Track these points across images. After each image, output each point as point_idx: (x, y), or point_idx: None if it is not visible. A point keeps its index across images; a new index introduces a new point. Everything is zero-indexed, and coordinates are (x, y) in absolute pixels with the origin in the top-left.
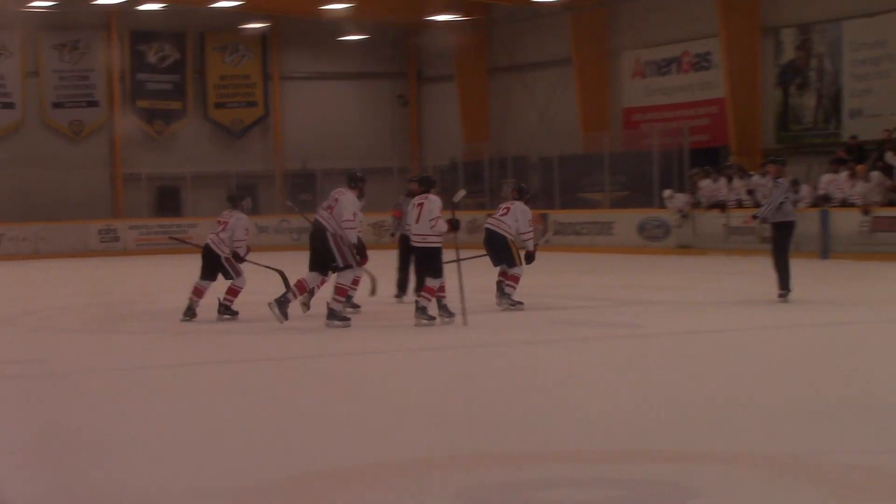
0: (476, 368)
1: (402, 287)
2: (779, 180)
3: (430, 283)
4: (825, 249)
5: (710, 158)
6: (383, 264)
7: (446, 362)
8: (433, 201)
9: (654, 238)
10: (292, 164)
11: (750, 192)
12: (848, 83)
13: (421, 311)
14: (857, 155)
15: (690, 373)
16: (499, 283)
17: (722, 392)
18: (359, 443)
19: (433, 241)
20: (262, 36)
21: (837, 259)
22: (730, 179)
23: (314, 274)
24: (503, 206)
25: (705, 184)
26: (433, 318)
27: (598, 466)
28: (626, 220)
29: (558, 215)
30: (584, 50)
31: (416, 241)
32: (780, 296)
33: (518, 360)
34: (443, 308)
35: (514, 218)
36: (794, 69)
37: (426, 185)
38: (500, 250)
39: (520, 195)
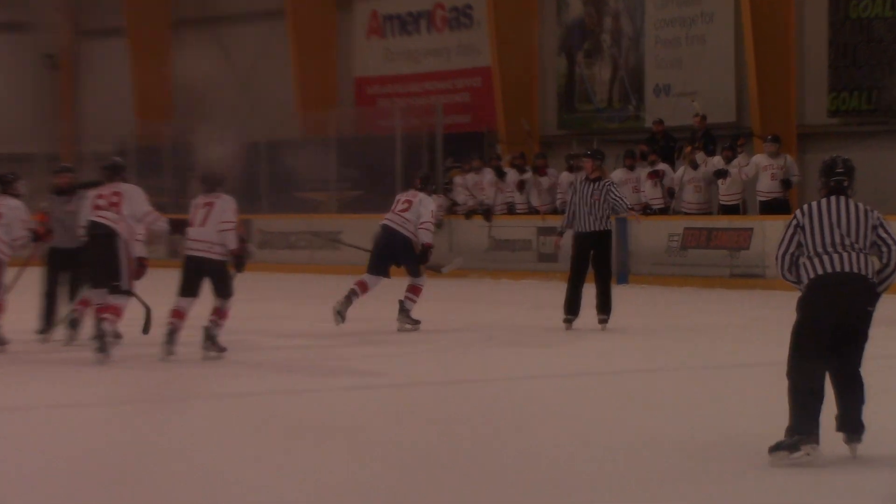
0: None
1: (48, 318)
2: (605, 183)
3: (224, 305)
4: (623, 272)
5: (471, 146)
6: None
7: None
8: (227, 202)
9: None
10: None
11: (521, 186)
12: (653, 51)
13: (212, 340)
14: (664, 146)
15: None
16: (402, 301)
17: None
18: None
19: (219, 253)
20: None
21: (640, 283)
22: (501, 175)
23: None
24: (402, 198)
25: (464, 181)
26: (223, 349)
27: None
28: (359, 228)
29: (265, 221)
30: None
31: (198, 250)
32: (603, 321)
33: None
34: (171, 338)
35: (417, 213)
36: (583, 31)
37: (211, 184)
38: (402, 254)
39: (424, 185)
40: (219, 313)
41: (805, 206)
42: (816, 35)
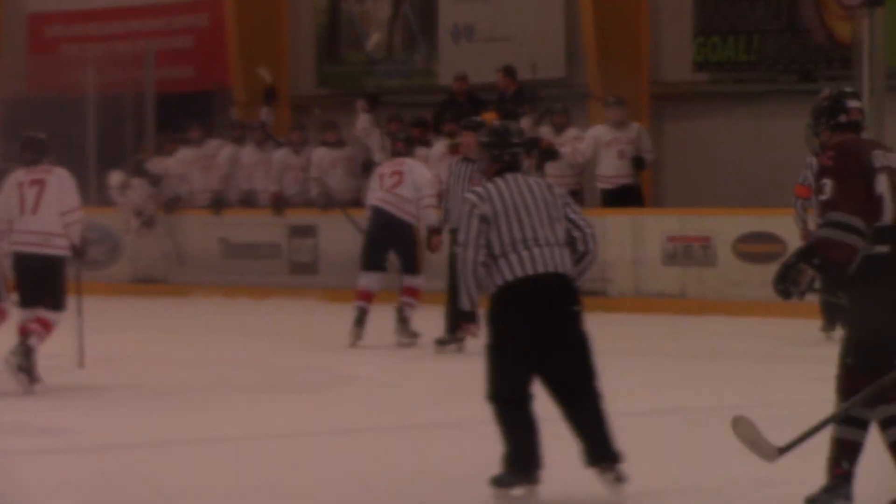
0: None
1: None
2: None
3: (50, 316)
4: None
5: (197, 110)
6: None
7: None
8: (63, 178)
9: (94, 264)
10: None
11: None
12: None
13: (24, 359)
14: (468, 111)
15: None
16: (401, 308)
17: None
18: None
19: (59, 248)
20: None
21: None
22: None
23: None
24: (387, 170)
25: (186, 155)
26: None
27: None
28: None
29: None
30: None
31: (29, 246)
32: (458, 339)
33: None
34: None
35: (412, 186)
36: None
37: (36, 152)
38: (400, 245)
39: (408, 147)
40: (45, 323)
41: (481, 191)
42: None
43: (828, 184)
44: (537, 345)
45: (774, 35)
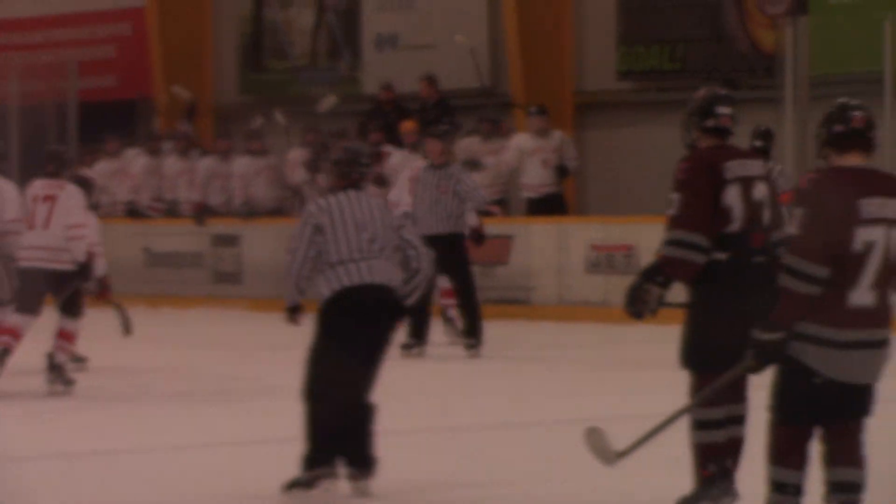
0: None
1: None
2: (453, 169)
3: (70, 325)
4: None
5: (121, 119)
6: None
7: None
8: (72, 194)
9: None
10: None
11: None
12: None
13: (57, 371)
14: (394, 121)
15: None
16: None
17: None
18: None
19: (67, 262)
20: None
21: None
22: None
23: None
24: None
25: (104, 167)
26: (71, 381)
27: None
28: None
29: None
30: None
31: (40, 261)
32: (471, 346)
33: None
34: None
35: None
36: None
37: (57, 163)
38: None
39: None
40: (67, 336)
41: (322, 202)
42: None
43: (676, 198)
44: (360, 351)
45: (698, 44)
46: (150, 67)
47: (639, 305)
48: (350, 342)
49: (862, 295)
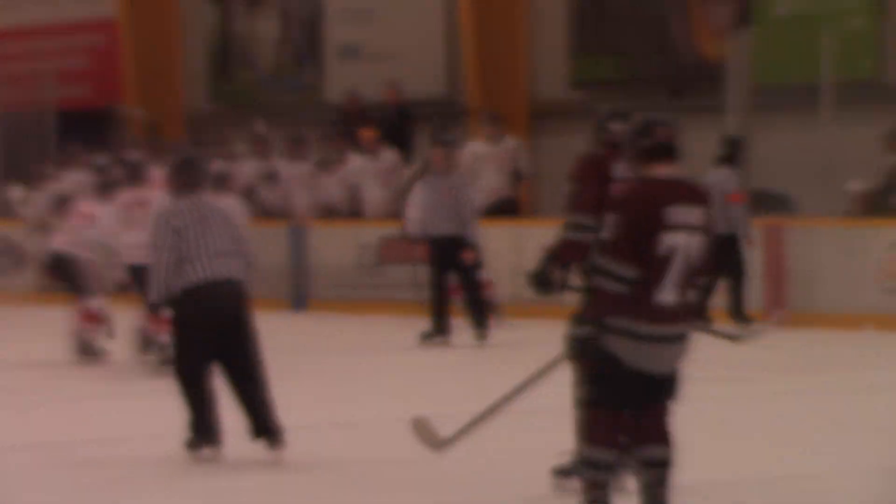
0: None
1: None
2: (452, 177)
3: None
4: (299, 296)
5: (94, 127)
6: None
7: None
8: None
9: None
10: None
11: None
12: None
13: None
14: (357, 127)
15: None
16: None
17: None
18: None
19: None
20: None
21: (322, 311)
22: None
23: None
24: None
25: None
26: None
27: None
28: None
29: None
30: None
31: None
32: (481, 337)
33: None
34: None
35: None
36: None
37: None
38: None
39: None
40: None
41: (173, 206)
42: None
43: (570, 188)
44: (214, 337)
45: (646, 55)
46: (123, 76)
47: (544, 289)
48: (200, 330)
49: (666, 294)
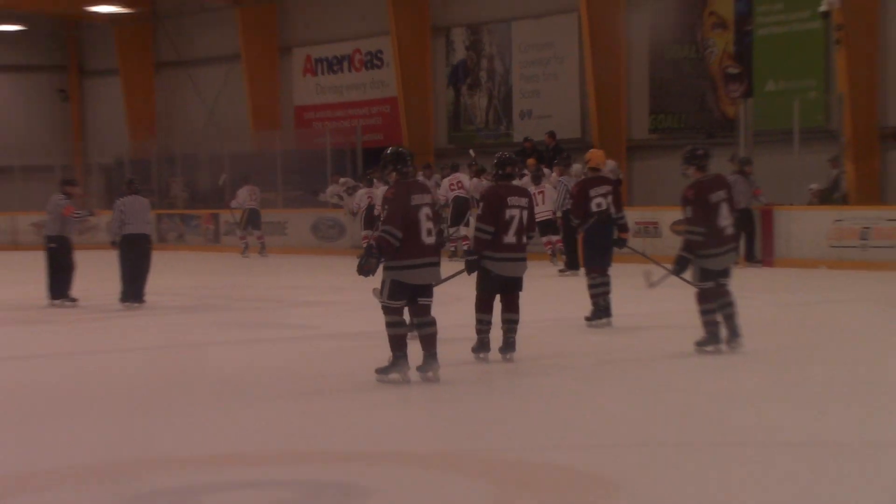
0: (146, 369)
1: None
2: (561, 178)
3: None
4: None
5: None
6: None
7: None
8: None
9: (328, 238)
10: None
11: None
12: (518, 84)
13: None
14: (528, 157)
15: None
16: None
17: (380, 394)
18: (13, 451)
19: None
20: None
21: None
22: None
23: None
24: (535, 189)
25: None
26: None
27: (265, 469)
28: (300, 220)
29: (228, 215)
30: (254, 46)
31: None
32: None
33: (184, 362)
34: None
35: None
36: (465, 69)
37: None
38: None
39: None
40: None
41: (125, 200)
42: (640, 70)
43: (385, 209)
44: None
45: (692, 112)
46: (400, 128)
47: (365, 273)
48: (131, 253)
49: (510, 238)
